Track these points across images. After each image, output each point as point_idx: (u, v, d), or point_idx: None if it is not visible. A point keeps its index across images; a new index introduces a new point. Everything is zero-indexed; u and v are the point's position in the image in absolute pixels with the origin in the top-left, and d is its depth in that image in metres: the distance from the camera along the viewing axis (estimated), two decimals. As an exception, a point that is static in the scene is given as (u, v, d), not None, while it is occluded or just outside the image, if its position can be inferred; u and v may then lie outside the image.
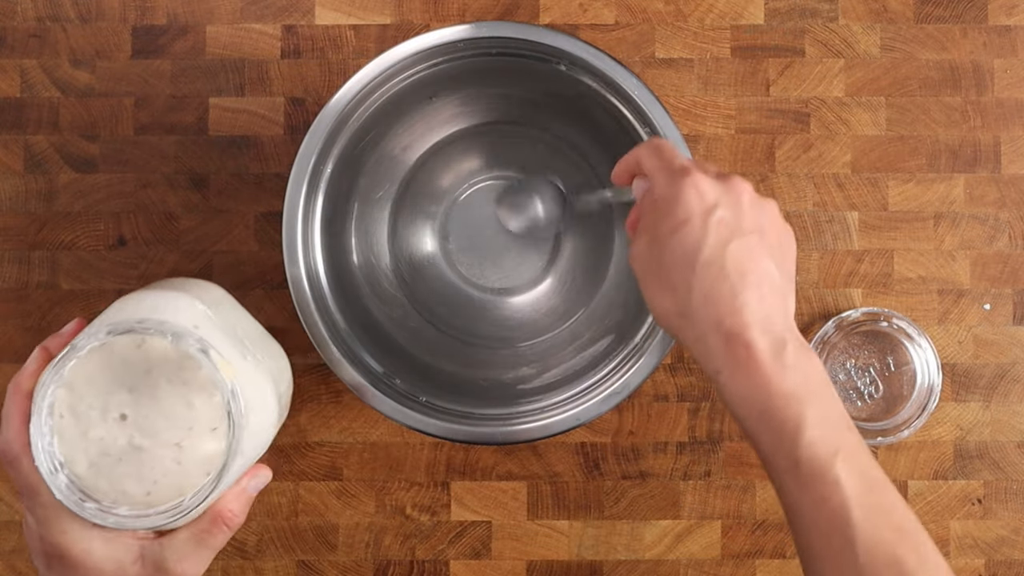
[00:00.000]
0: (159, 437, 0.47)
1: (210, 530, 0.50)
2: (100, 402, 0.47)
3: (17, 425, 0.48)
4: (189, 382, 0.48)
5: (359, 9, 0.74)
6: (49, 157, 0.73)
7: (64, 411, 0.47)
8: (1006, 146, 0.74)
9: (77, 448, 0.47)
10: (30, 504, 0.48)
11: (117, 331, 0.46)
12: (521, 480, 0.73)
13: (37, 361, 0.50)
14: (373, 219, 0.71)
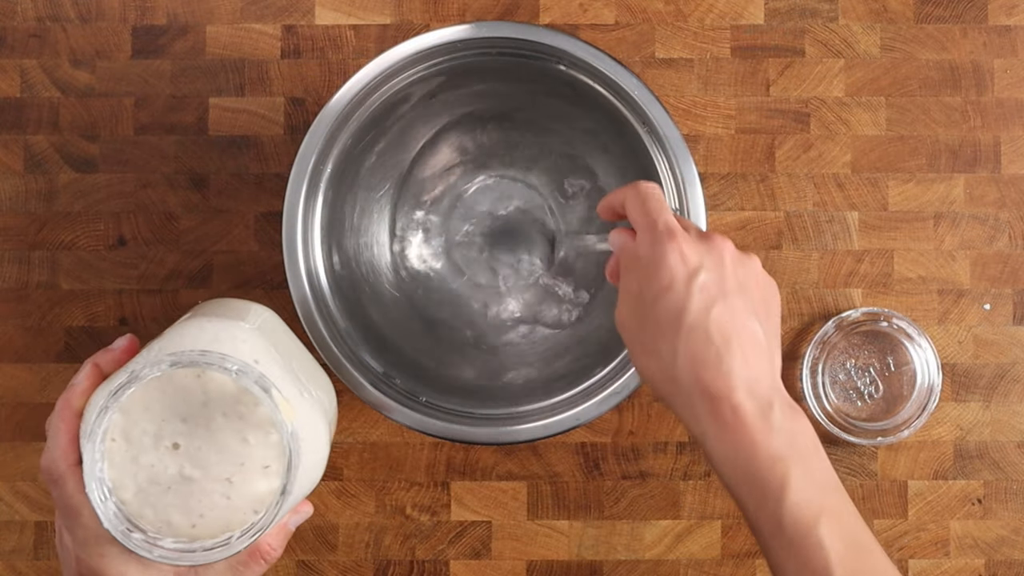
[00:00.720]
0: (210, 470, 0.47)
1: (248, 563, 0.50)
2: (154, 429, 0.47)
3: (65, 444, 0.47)
4: (245, 417, 0.47)
5: (359, 9, 0.74)
6: (49, 157, 0.73)
7: (116, 435, 0.46)
8: (1006, 146, 0.74)
9: (126, 473, 0.46)
10: (70, 524, 0.47)
11: (180, 363, 0.46)
12: (521, 480, 0.73)
13: (89, 378, 0.49)
14: (373, 219, 0.71)
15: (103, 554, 0.47)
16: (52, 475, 0.47)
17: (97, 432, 0.45)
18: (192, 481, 0.47)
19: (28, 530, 0.73)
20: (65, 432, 0.48)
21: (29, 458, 0.73)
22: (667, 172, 0.63)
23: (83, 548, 0.47)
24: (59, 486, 0.47)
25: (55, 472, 0.47)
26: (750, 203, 0.74)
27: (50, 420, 0.49)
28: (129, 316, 0.73)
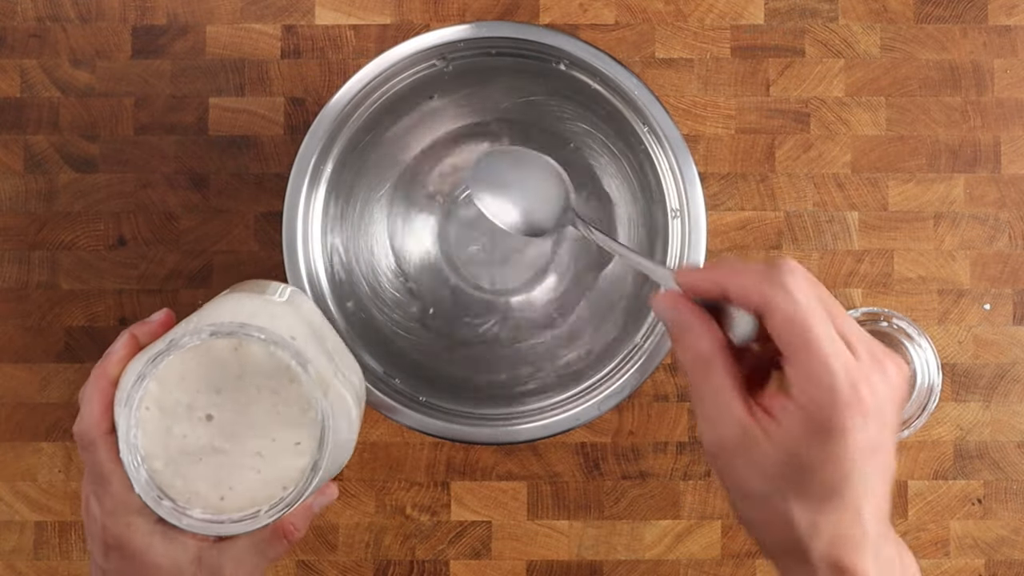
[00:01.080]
0: (242, 443, 0.47)
1: (270, 541, 0.50)
2: (188, 399, 0.47)
3: (99, 412, 0.47)
4: (279, 392, 0.47)
5: (359, 9, 0.74)
6: (49, 157, 0.74)
7: (151, 404, 0.46)
8: (1006, 146, 0.74)
9: (158, 443, 0.46)
10: (98, 491, 0.47)
11: (221, 333, 0.46)
12: (521, 480, 0.73)
13: (126, 347, 0.49)
14: (373, 219, 0.71)
15: (129, 523, 0.47)
16: (85, 441, 0.47)
17: (134, 398, 0.45)
18: (223, 453, 0.47)
19: (28, 530, 0.73)
20: (99, 400, 0.48)
21: (29, 458, 0.73)
22: (667, 172, 0.63)
23: (110, 516, 0.47)
24: (91, 453, 0.47)
25: (88, 439, 0.47)
26: (750, 203, 0.74)
27: (85, 388, 0.49)
28: (129, 316, 0.73)
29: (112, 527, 0.47)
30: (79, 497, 0.73)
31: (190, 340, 0.46)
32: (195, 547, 0.48)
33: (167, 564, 0.47)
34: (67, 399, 0.73)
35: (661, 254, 0.64)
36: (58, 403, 0.73)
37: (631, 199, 0.69)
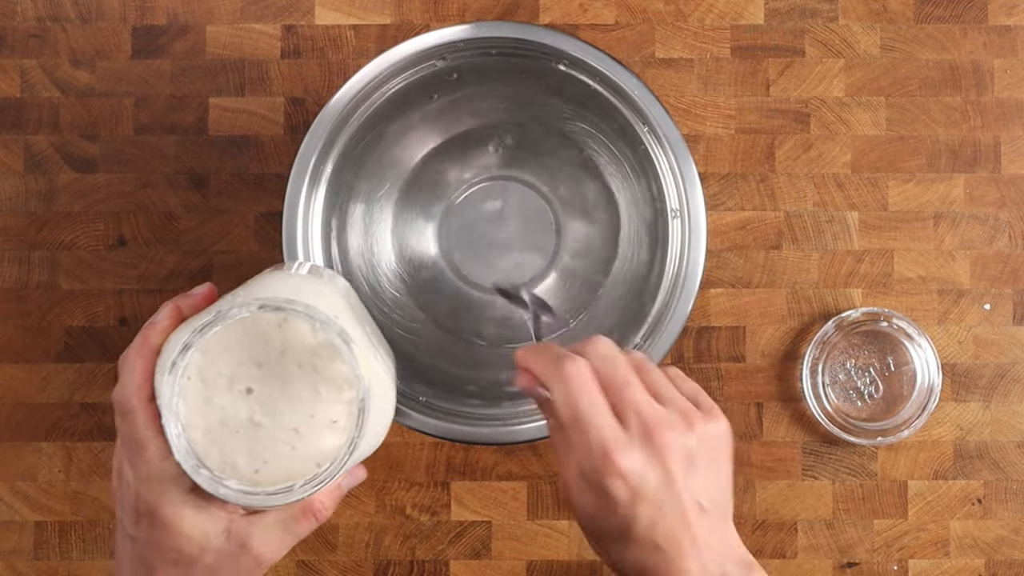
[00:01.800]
0: (279, 418, 0.47)
1: (299, 519, 0.50)
2: (230, 371, 0.47)
3: (140, 379, 0.48)
4: (320, 370, 0.47)
5: (359, 9, 0.74)
6: (49, 157, 0.74)
7: (193, 374, 0.47)
8: (1006, 146, 0.74)
9: (197, 413, 0.46)
10: (134, 459, 0.47)
11: (269, 307, 0.46)
12: (521, 480, 0.73)
13: (169, 318, 0.50)
14: (373, 219, 0.71)
15: (163, 492, 0.47)
16: (124, 408, 0.47)
17: (179, 366, 0.45)
18: (260, 427, 0.47)
19: (28, 530, 0.73)
20: (141, 368, 0.48)
21: (29, 458, 0.73)
22: (667, 172, 0.63)
23: (144, 483, 0.47)
24: (129, 420, 0.47)
25: (127, 406, 0.47)
26: (750, 203, 0.74)
27: (125, 355, 0.49)
28: (129, 316, 0.73)
29: (145, 494, 0.47)
30: (79, 497, 0.73)
31: (238, 312, 0.46)
32: (225, 519, 0.48)
33: (196, 534, 0.48)
34: (67, 399, 0.73)
35: (661, 254, 0.64)
36: (58, 403, 0.73)
37: (631, 199, 0.69)
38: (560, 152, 0.72)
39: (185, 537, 0.48)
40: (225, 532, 0.48)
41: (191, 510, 0.48)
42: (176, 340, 0.48)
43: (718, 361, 0.73)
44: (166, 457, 0.47)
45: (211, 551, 0.48)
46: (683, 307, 0.62)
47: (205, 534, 0.48)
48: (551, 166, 0.72)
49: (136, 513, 0.48)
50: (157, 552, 0.48)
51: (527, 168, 0.73)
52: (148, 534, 0.48)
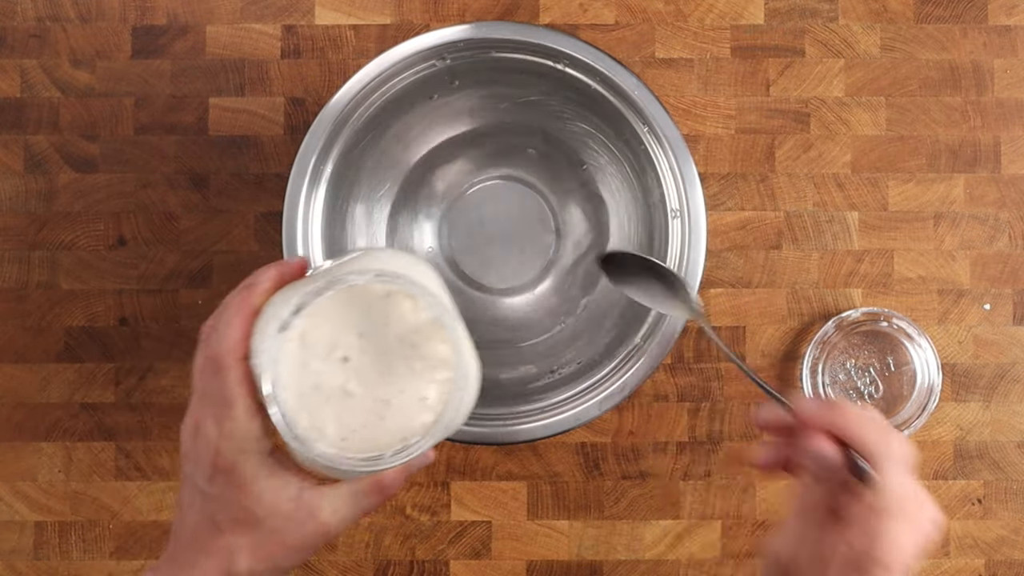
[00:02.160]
0: (372, 390, 0.47)
1: (368, 493, 0.50)
2: (330, 338, 0.47)
3: (237, 337, 0.48)
4: (417, 347, 0.48)
5: (359, 9, 0.74)
6: (49, 157, 0.74)
7: (294, 337, 0.47)
8: (1006, 146, 0.74)
9: (293, 376, 0.47)
10: (219, 415, 0.47)
11: (384, 279, 0.46)
12: (521, 480, 0.73)
13: (272, 281, 0.50)
14: (373, 219, 0.71)
15: (244, 450, 0.47)
16: (218, 364, 0.48)
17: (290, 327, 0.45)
18: (352, 396, 0.47)
19: (28, 530, 0.73)
20: (240, 326, 0.48)
21: (29, 458, 0.73)
22: (667, 172, 0.63)
23: (226, 440, 0.47)
24: (221, 377, 0.47)
25: (222, 362, 0.48)
26: (750, 203, 0.74)
27: (223, 313, 0.49)
28: (129, 316, 0.73)
29: (226, 451, 0.47)
30: (79, 497, 0.73)
31: (354, 279, 0.46)
32: (297, 485, 0.49)
33: (268, 496, 0.48)
34: (67, 399, 0.73)
35: (661, 254, 0.64)
36: (58, 403, 0.73)
37: (631, 199, 0.69)
38: (560, 152, 0.72)
39: (257, 498, 0.48)
40: (296, 498, 0.48)
41: (267, 472, 0.48)
42: (279, 303, 0.48)
43: (718, 361, 0.73)
44: (252, 416, 0.47)
45: (280, 515, 0.48)
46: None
47: (277, 497, 0.48)
48: (551, 166, 0.72)
49: (213, 468, 0.48)
50: (227, 510, 0.48)
51: (527, 168, 0.73)
52: (221, 491, 0.48)
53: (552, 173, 0.72)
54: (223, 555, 0.48)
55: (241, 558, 0.48)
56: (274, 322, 0.46)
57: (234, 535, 0.48)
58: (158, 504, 0.73)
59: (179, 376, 0.73)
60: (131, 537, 0.73)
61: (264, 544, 0.48)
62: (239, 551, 0.48)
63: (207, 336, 0.49)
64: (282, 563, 0.49)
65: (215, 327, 0.49)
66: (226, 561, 0.48)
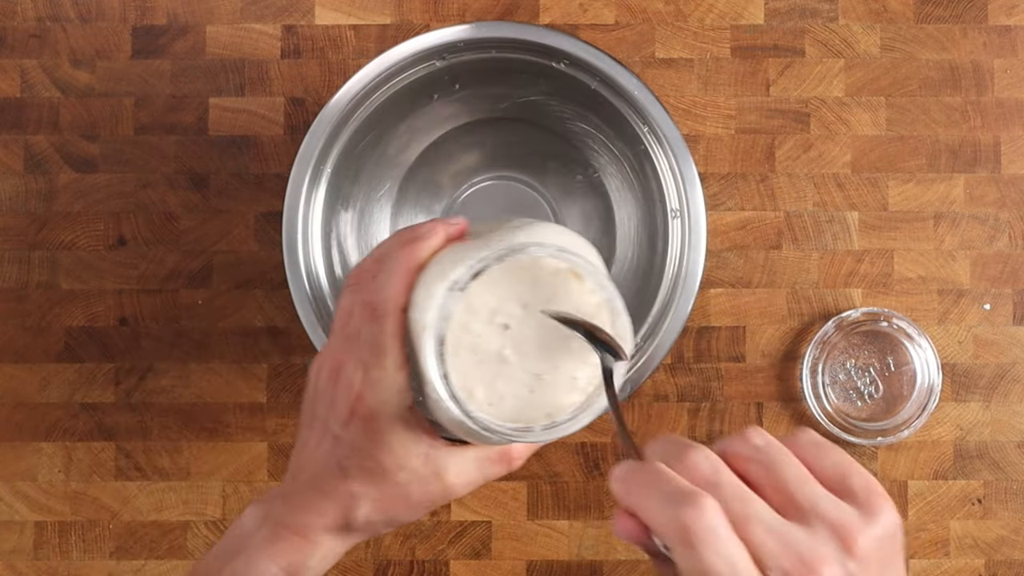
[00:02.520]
0: (527, 361, 0.47)
1: (495, 461, 0.50)
2: (495, 304, 0.47)
3: (400, 288, 0.47)
4: None
5: (359, 9, 0.74)
6: (49, 157, 0.74)
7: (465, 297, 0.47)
8: (1006, 146, 0.74)
9: (454, 335, 0.46)
10: (368, 361, 0.47)
11: (565, 255, 0.46)
12: (521, 480, 0.73)
13: (440, 240, 0.49)
14: (373, 219, 0.71)
15: (387, 400, 0.47)
16: (379, 310, 0.47)
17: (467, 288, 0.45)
18: (506, 363, 0.47)
19: (28, 530, 0.73)
20: (404, 277, 0.48)
21: (29, 458, 0.73)
22: (667, 172, 0.63)
23: (371, 388, 0.47)
24: (379, 323, 0.47)
25: (383, 308, 0.47)
26: (750, 203, 0.74)
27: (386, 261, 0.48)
28: (129, 316, 0.73)
29: (370, 398, 0.47)
30: (79, 497, 0.73)
31: (537, 251, 0.46)
32: (427, 444, 0.48)
33: (399, 450, 0.48)
34: (67, 399, 0.73)
35: (661, 254, 0.64)
36: (58, 403, 0.73)
37: (631, 199, 0.69)
38: (560, 152, 0.72)
39: (389, 449, 0.47)
40: (424, 456, 0.48)
41: (402, 426, 0.48)
42: (447, 261, 0.47)
43: (718, 361, 0.73)
44: (400, 368, 0.47)
45: (407, 470, 0.48)
46: (683, 307, 0.62)
47: (407, 452, 0.48)
48: (551, 166, 0.72)
49: (351, 413, 0.48)
50: (357, 457, 0.48)
51: (527, 168, 0.73)
52: (355, 437, 0.48)
53: (552, 173, 0.72)
54: (345, 501, 0.48)
55: (362, 507, 0.48)
56: (443, 280, 0.46)
57: (359, 483, 0.48)
58: (158, 504, 0.73)
59: (179, 376, 0.73)
60: (131, 537, 0.73)
61: (387, 496, 0.48)
62: (361, 499, 0.48)
63: (363, 282, 0.49)
64: (399, 518, 0.49)
65: (374, 274, 0.48)
66: (347, 507, 0.48)
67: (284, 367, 0.73)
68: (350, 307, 0.49)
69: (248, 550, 0.48)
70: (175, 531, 0.73)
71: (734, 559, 0.37)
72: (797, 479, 0.39)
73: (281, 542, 0.48)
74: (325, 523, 0.48)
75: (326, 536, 0.49)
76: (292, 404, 0.73)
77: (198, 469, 0.73)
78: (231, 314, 0.73)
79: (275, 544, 0.48)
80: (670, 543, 0.37)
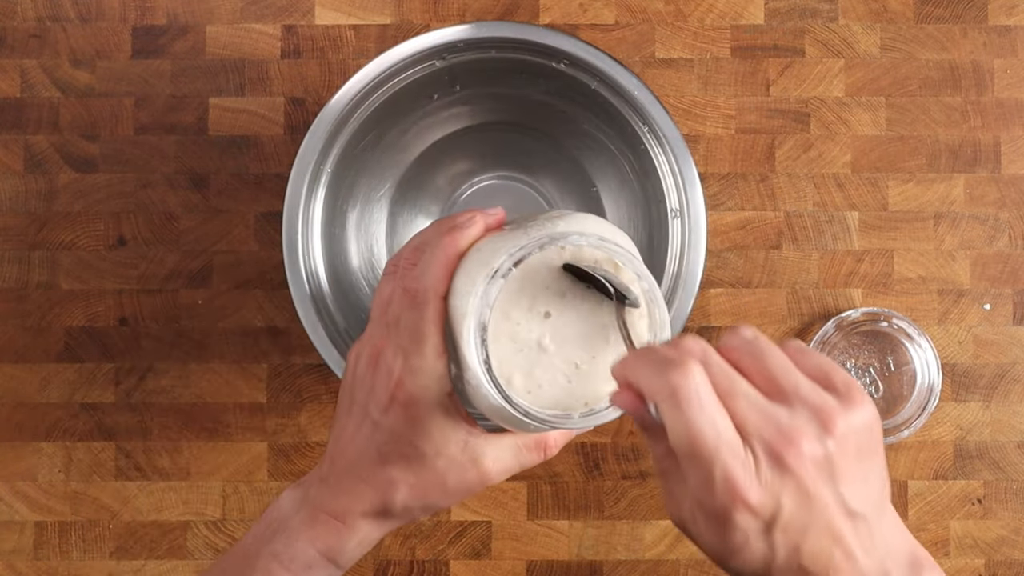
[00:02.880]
0: (565, 350, 0.48)
1: (531, 449, 0.51)
2: (534, 292, 0.48)
3: (441, 275, 0.48)
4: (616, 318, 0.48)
5: (359, 9, 0.74)
6: (49, 157, 0.74)
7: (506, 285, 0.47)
8: (1006, 146, 0.74)
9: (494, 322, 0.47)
10: (408, 348, 0.48)
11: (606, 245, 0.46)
12: (521, 480, 0.73)
13: (479, 230, 0.49)
14: (373, 219, 0.71)
15: (427, 387, 0.48)
16: (420, 297, 0.48)
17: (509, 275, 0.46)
18: (545, 352, 0.48)
19: (28, 530, 0.73)
20: (444, 264, 0.48)
21: (29, 458, 0.73)
22: (667, 172, 0.63)
23: (411, 374, 0.48)
24: (420, 310, 0.47)
25: (424, 295, 0.48)
26: (750, 203, 0.74)
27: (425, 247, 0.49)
28: (129, 316, 0.73)
29: (409, 384, 0.48)
30: (79, 497, 0.73)
31: (579, 240, 0.46)
32: (465, 431, 0.49)
33: (438, 436, 0.48)
34: (67, 399, 0.73)
35: (661, 254, 0.64)
36: (58, 403, 0.73)
37: (631, 199, 0.69)
38: (559, 152, 0.72)
39: (428, 436, 0.48)
40: (463, 443, 0.49)
41: (441, 413, 0.48)
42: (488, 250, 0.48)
43: (718, 361, 0.73)
44: (439, 355, 0.47)
45: (445, 457, 0.48)
46: (683, 307, 0.62)
47: (445, 439, 0.48)
48: (550, 166, 0.72)
49: (391, 399, 0.48)
50: (395, 443, 0.48)
51: (527, 168, 0.73)
52: (394, 424, 0.48)
53: (551, 173, 0.72)
54: (383, 487, 0.49)
55: (400, 492, 0.49)
56: (484, 268, 0.46)
57: (397, 469, 0.48)
58: (158, 504, 0.73)
59: (179, 376, 0.73)
60: (131, 537, 0.73)
61: (424, 483, 0.49)
62: (399, 485, 0.48)
63: (403, 269, 0.49)
64: (436, 503, 0.49)
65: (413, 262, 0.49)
66: (385, 493, 0.49)
67: (284, 367, 0.73)
68: (389, 294, 0.49)
69: (287, 532, 0.49)
70: (175, 531, 0.73)
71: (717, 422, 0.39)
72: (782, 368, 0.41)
73: (319, 526, 0.49)
74: (363, 508, 0.49)
75: (363, 521, 0.49)
76: (292, 404, 0.73)
77: (198, 469, 0.73)
78: (231, 314, 0.73)
79: (313, 528, 0.49)
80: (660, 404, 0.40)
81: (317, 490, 0.50)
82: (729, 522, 0.40)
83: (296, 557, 0.49)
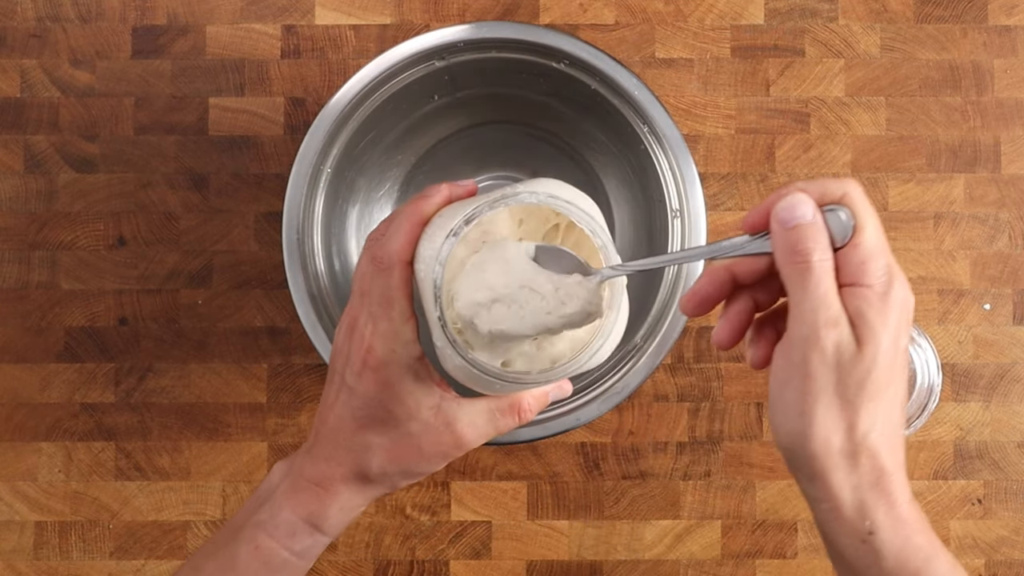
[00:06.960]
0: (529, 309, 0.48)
1: (505, 412, 0.51)
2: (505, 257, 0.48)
3: (406, 241, 0.49)
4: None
5: (359, 9, 0.74)
6: (49, 157, 0.74)
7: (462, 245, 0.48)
8: (1006, 146, 0.74)
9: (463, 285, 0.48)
10: (377, 313, 0.49)
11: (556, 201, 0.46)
12: (521, 480, 0.73)
13: (443, 197, 0.51)
14: (373, 219, 0.71)
15: (395, 350, 0.49)
16: (385, 263, 0.49)
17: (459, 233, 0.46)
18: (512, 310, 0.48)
19: (28, 530, 0.73)
20: (410, 231, 0.49)
21: (29, 458, 0.73)
22: (667, 172, 0.63)
23: (381, 339, 0.49)
24: (386, 276, 0.49)
25: (389, 261, 0.49)
26: (750, 203, 0.74)
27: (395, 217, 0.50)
28: (129, 316, 0.73)
29: (379, 349, 0.49)
30: (79, 497, 0.73)
31: (528, 197, 0.47)
32: (438, 395, 0.50)
33: (410, 400, 0.49)
34: (67, 399, 0.73)
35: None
36: (58, 403, 0.73)
37: (631, 199, 0.69)
38: (559, 152, 0.72)
39: (400, 400, 0.49)
40: (435, 407, 0.50)
41: (412, 376, 0.49)
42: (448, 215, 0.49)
43: (718, 361, 0.73)
44: (407, 320, 0.48)
45: (418, 421, 0.49)
46: (683, 307, 0.62)
47: (418, 403, 0.49)
48: (550, 166, 0.72)
49: (363, 365, 0.49)
50: (368, 408, 0.49)
51: (527, 168, 0.73)
52: (367, 388, 0.49)
53: (551, 173, 0.72)
54: (359, 451, 0.50)
55: (375, 457, 0.50)
56: (443, 231, 0.47)
57: (372, 433, 0.49)
58: (158, 504, 0.73)
59: (179, 376, 0.73)
60: (131, 537, 0.73)
61: (399, 447, 0.50)
62: (375, 450, 0.50)
63: (372, 239, 0.50)
64: (414, 468, 0.50)
65: (383, 232, 0.50)
66: (361, 458, 0.50)
67: (284, 367, 0.73)
68: (363, 264, 0.50)
69: (271, 501, 0.51)
70: (175, 531, 0.73)
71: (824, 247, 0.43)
72: None
73: (301, 493, 0.50)
74: (343, 472, 0.50)
75: (343, 486, 0.50)
76: (292, 404, 0.73)
77: (198, 469, 0.73)
78: (231, 314, 0.73)
79: (296, 495, 0.50)
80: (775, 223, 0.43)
81: (301, 459, 0.51)
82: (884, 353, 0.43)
83: (280, 525, 0.50)
